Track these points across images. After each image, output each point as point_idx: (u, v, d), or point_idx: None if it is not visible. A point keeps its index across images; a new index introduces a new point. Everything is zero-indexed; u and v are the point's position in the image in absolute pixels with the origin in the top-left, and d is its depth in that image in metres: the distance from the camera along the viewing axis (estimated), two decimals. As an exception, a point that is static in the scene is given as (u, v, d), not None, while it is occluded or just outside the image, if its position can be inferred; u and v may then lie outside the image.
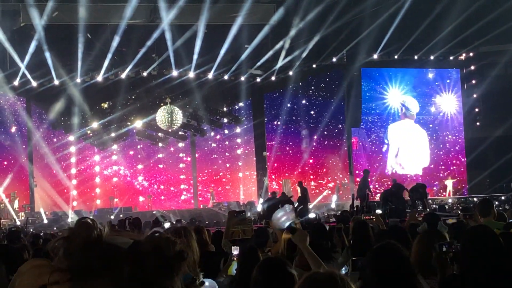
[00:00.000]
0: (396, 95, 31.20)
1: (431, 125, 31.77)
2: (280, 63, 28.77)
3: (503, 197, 26.62)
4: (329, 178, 30.88)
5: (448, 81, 32.08)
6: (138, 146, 31.20)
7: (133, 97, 29.20)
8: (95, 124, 28.89)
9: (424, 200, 23.50)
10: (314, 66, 30.07)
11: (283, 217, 5.61)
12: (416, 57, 30.42)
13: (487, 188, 29.37)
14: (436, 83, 31.83)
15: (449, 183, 31.05)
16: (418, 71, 31.62)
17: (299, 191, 25.52)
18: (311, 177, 30.90)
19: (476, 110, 31.94)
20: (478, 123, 31.86)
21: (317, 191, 30.35)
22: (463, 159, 31.87)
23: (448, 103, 31.88)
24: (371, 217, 13.12)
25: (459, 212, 9.95)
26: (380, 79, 31.25)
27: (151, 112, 28.92)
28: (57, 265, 1.98)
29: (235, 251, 6.57)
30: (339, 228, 9.09)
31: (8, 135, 28.15)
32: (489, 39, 28.79)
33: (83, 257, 1.96)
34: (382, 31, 27.76)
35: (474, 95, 31.76)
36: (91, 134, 29.49)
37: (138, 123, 29.64)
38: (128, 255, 2.02)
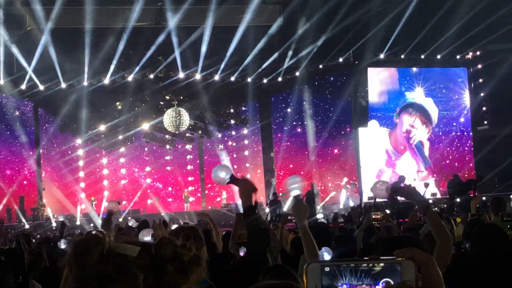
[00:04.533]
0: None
1: (441, 125, 31.69)
2: (286, 64, 28.80)
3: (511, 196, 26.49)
4: (336, 179, 30.82)
5: (460, 79, 32.06)
6: (146, 149, 31.24)
7: (140, 99, 29.23)
8: (102, 127, 28.94)
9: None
10: (320, 66, 30.09)
11: (295, 185, 5.54)
12: (422, 56, 30.38)
13: (496, 187, 29.25)
14: (440, 83, 31.78)
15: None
16: (426, 70, 31.53)
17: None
18: (318, 177, 30.85)
19: (484, 109, 31.88)
20: (486, 122, 31.81)
21: (325, 191, 30.32)
22: (471, 158, 31.80)
23: (456, 102, 31.87)
24: (379, 215, 13.13)
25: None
26: (389, 79, 31.19)
27: (159, 114, 28.94)
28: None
29: (242, 252, 6.58)
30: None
31: (16, 139, 28.23)
32: (495, 38, 28.70)
33: (98, 271, 1.96)
34: (388, 31, 27.77)
35: (482, 94, 31.70)
36: (99, 137, 29.53)
37: (146, 126, 29.67)
38: (141, 262, 2.01)
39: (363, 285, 1.44)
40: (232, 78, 29.28)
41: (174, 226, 12.72)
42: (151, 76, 28.23)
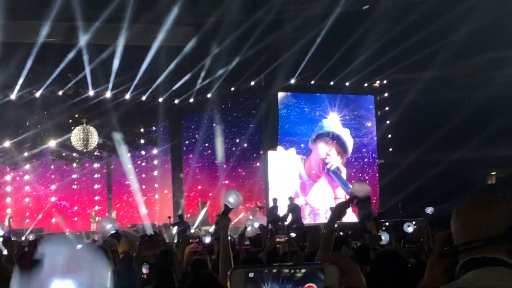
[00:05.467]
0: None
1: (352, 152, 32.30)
2: (198, 85, 28.84)
3: (413, 222, 27.09)
4: (245, 201, 30.87)
5: (370, 106, 32.80)
6: (52, 166, 30.57)
7: (48, 116, 28.62)
8: (7, 143, 28.18)
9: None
10: (232, 89, 30.27)
11: (231, 199, 5.67)
12: (332, 83, 30.99)
13: (399, 213, 29.94)
14: (354, 111, 32.44)
15: (362, 207, 31.48)
16: (334, 97, 32.09)
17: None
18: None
19: (389, 136, 32.73)
20: (391, 149, 32.66)
21: (234, 213, 30.32)
22: (376, 185, 32.48)
23: (366, 129, 32.59)
24: (284, 238, 13.23)
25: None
26: (301, 104, 31.57)
27: (66, 132, 28.41)
28: None
29: (144, 269, 6.60)
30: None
31: None
32: (402, 67, 29.55)
33: None
34: (299, 57, 28.20)
35: (387, 122, 32.52)
36: (3, 153, 28.72)
37: (53, 143, 29.06)
38: None
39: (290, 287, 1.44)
40: (143, 98, 29.08)
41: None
42: (60, 93, 27.73)
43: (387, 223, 21.72)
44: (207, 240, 9.18)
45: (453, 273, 2.50)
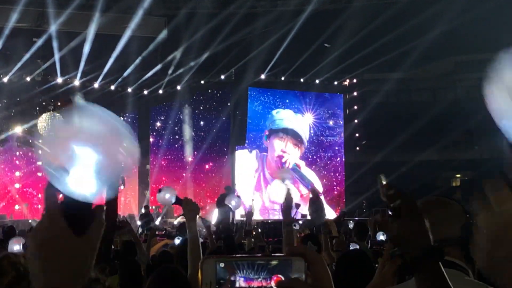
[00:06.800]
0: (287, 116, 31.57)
1: (312, 147, 32.37)
2: (168, 77, 28.77)
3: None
4: (212, 195, 30.90)
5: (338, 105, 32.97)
6: (17, 153, 30.26)
7: (15, 102, 28.34)
8: (-28, 128, 27.90)
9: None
10: (202, 82, 30.25)
11: (166, 194, 5.61)
12: (302, 80, 31.12)
13: (364, 212, 30.19)
14: (320, 108, 32.57)
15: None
16: (303, 94, 32.22)
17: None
18: (193, 193, 30.81)
19: (357, 135, 32.96)
20: (358, 148, 32.89)
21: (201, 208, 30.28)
22: (342, 183, 32.69)
23: (330, 127, 32.72)
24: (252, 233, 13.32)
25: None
26: (268, 100, 31.63)
27: (33, 118, 28.15)
28: None
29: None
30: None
31: None
32: (372, 67, 29.80)
33: None
34: (270, 53, 28.31)
35: (356, 121, 32.73)
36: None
37: (19, 129, 28.78)
38: None
39: (259, 278, 1.47)
40: (112, 87, 28.93)
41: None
42: (28, 79, 27.48)
43: (350, 221, 21.88)
44: (177, 241, 9.02)
45: (404, 273, 2.57)
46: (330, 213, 27.26)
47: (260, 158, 30.93)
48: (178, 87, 29.70)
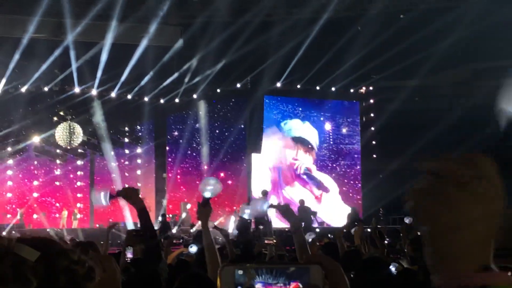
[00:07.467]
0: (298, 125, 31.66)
1: (332, 156, 32.38)
2: (184, 85, 28.87)
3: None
4: (229, 203, 30.86)
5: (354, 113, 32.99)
6: (35, 162, 30.43)
7: (32, 112, 28.51)
8: (-10, 138, 28.10)
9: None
10: (218, 90, 30.32)
11: (209, 186, 5.54)
12: (318, 88, 31.09)
13: (381, 220, 30.03)
14: (338, 115, 32.61)
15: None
16: (320, 102, 32.23)
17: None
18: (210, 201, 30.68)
19: (373, 142, 32.86)
20: (374, 156, 32.77)
21: (217, 215, 30.29)
22: (359, 191, 32.61)
23: (350, 135, 32.74)
24: (273, 241, 13.26)
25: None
26: (284, 108, 31.69)
27: (51, 128, 28.31)
28: None
29: (129, 252, 6.70)
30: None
31: None
32: (388, 75, 29.68)
33: None
34: (286, 61, 28.33)
35: (372, 128, 32.64)
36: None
37: (36, 139, 28.95)
38: (37, 268, 1.97)
39: (278, 283, 1.50)
40: (129, 96, 29.07)
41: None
42: (46, 89, 27.67)
43: (369, 230, 21.75)
44: (193, 250, 8.98)
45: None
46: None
47: (275, 166, 31.02)
48: (194, 96, 29.79)
